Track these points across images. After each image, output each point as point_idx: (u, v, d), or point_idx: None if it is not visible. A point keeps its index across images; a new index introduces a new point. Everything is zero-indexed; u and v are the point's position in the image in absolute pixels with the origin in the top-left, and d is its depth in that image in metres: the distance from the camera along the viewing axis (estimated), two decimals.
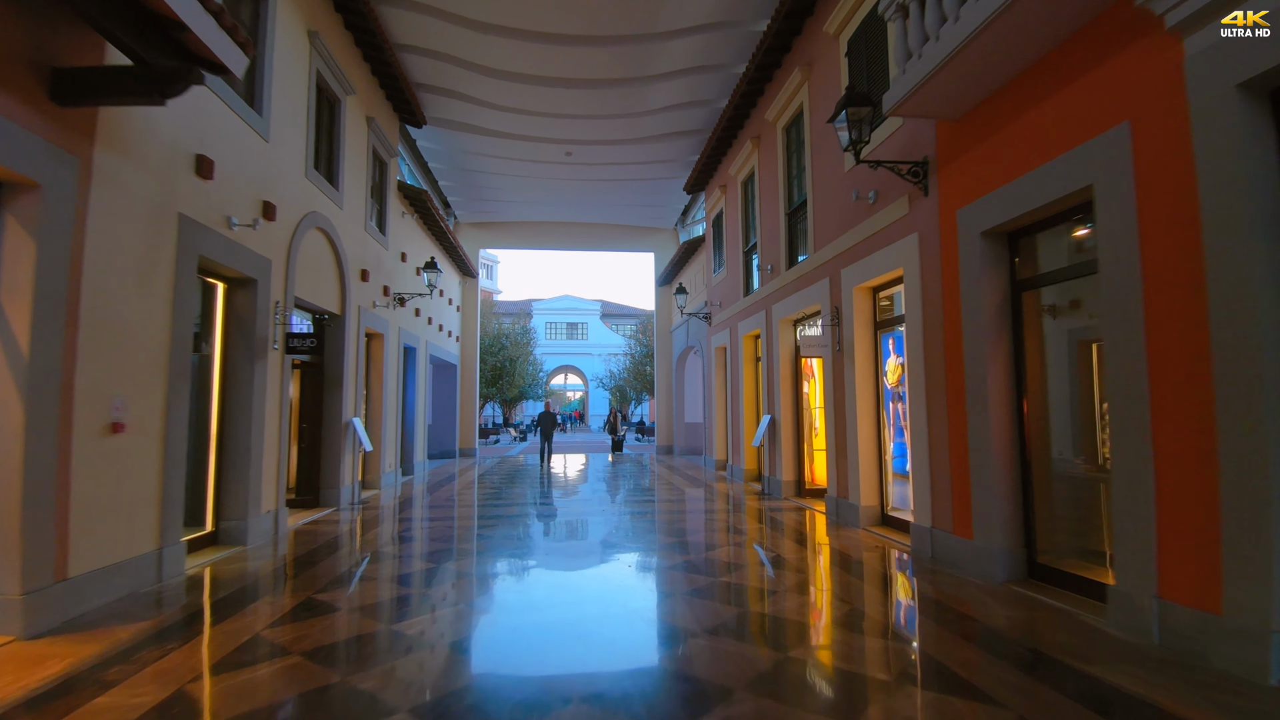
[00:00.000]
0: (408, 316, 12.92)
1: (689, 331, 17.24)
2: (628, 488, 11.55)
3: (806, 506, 8.95)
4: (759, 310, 10.99)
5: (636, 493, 10.90)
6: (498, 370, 28.00)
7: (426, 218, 13.65)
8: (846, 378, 7.68)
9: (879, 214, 6.88)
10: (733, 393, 12.75)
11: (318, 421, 9.18)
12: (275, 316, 7.29)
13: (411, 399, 13.59)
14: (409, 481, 12.48)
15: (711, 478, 12.88)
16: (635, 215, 18.98)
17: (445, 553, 6.44)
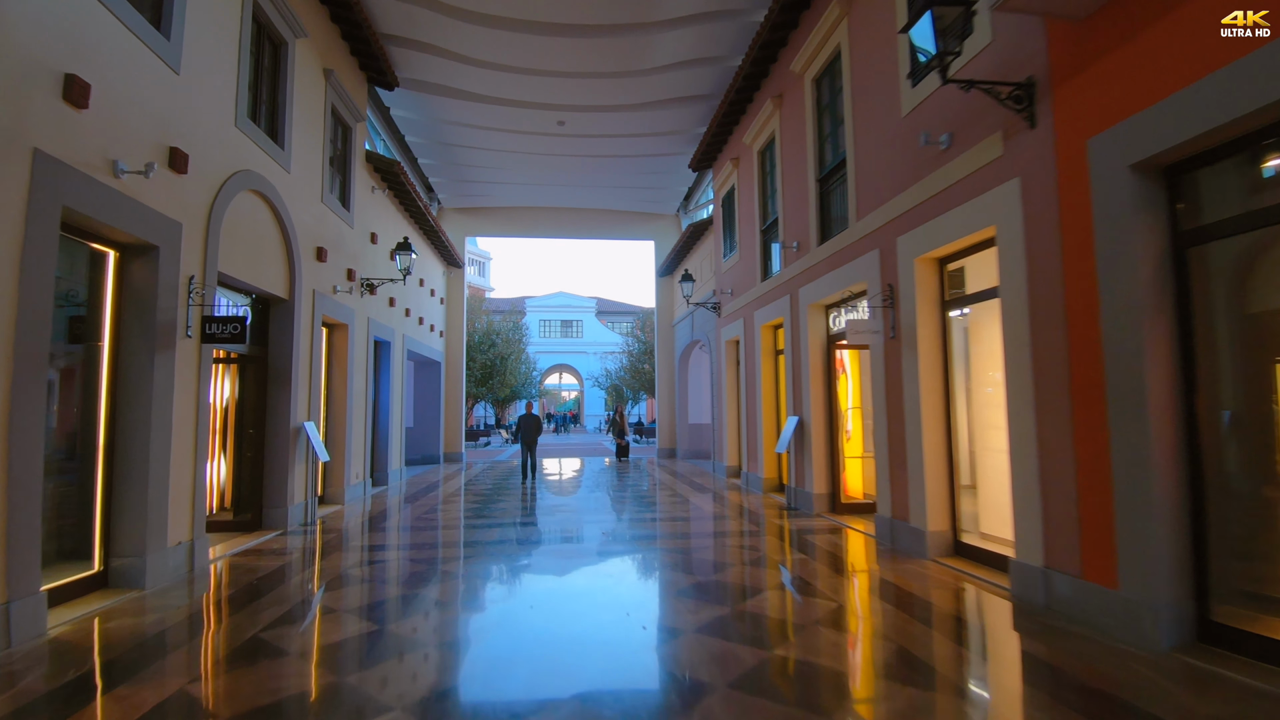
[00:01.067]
0: (379, 306, 11.38)
1: (694, 324, 15.76)
2: (629, 503, 10.05)
3: (844, 526, 7.48)
4: (781, 296, 9.52)
5: (640, 508, 9.40)
6: (488, 369, 26.44)
7: (401, 194, 12.11)
8: (905, 370, 6.21)
9: (954, 163, 5.41)
10: (748, 391, 11.28)
11: (260, 427, 7.65)
12: (190, 296, 5.77)
13: (385, 399, 12.06)
14: (381, 494, 10.95)
15: (723, 486, 11.40)
16: (634, 199, 17.48)
17: (405, 602, 4.93)
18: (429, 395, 16.87)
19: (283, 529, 7.56)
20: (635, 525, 7.97)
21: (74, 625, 4.29)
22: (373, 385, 11.66)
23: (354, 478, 10.07)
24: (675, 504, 9.55)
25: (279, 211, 7.51)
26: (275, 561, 6.08)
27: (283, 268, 7.72)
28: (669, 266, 17.78)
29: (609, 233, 18.67)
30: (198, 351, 5.90)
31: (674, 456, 18.11)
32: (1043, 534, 4.55)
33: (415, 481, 12.71)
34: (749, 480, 11.04)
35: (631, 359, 30.47)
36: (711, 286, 13.93)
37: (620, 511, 8.99)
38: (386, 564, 6.03)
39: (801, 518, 8.08)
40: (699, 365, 18.01)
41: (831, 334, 8.49)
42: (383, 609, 4.64)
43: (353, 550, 6.60)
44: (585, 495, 10.67)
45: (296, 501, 7.89)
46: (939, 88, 5.53)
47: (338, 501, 9.51)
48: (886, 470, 6.57)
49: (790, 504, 8.86)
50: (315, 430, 8.19)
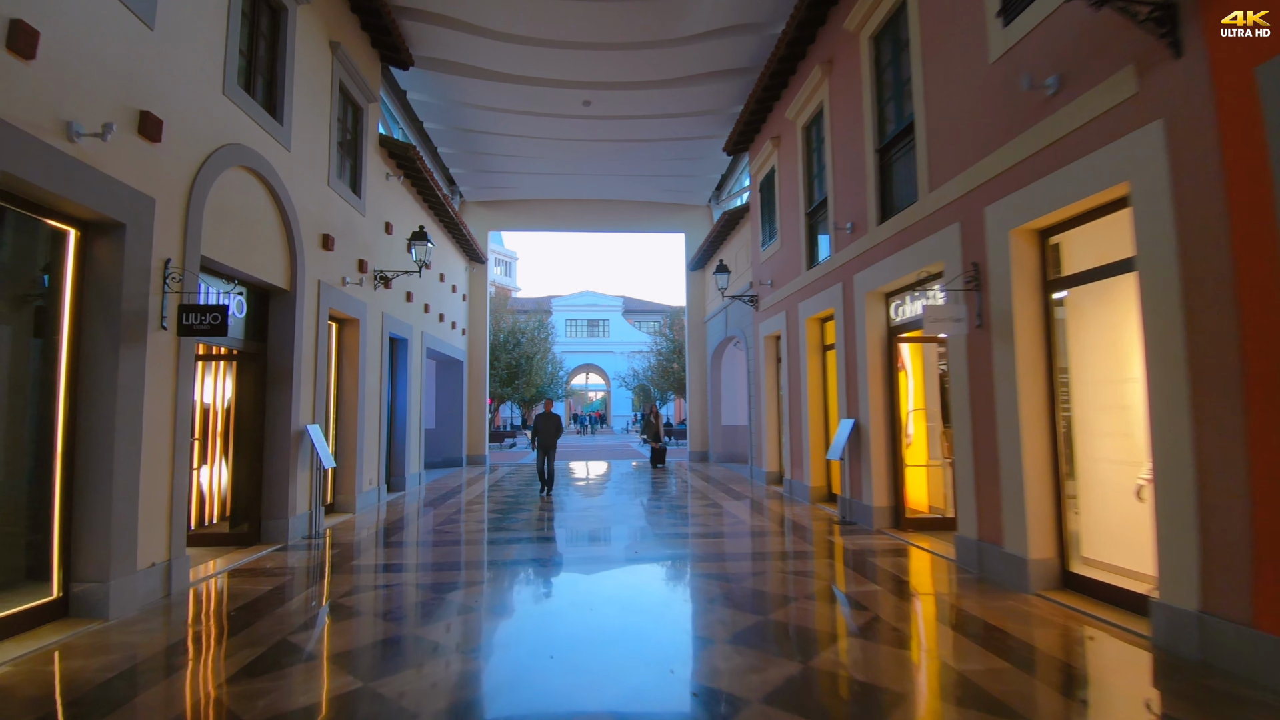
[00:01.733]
0: (395, 301, 10.69)
1: (728, 320, 14.82)
2: (664, 516, 9.17)
3: (912, 545, 6.49)
4: (831, 284, 8.54)
5: (675, 521, 8.52)
6: (513, 368, 25.79)
7: (418, 182, 11.41)
8: (997, 364, 5.22)
9: (1064, 110, 4.42)
10: (791, 391, 10.31)
11: (258, 431, 6.95)
12: (166, 283, 5.06)
13: (402, 400, 11.37)
14: (397, 501, 10.25)
15: (763, 495, 10.44)
16: (663, 189, 16.60)
17: (403, 646, 4.12)
18: (451, 395, 16.22)
19: (283, 543, 6.86)
20: (671, 543, 7.08)
21: (16, 666, 3.58)
22: (388, 385, 10.98)
23: (367, 484, 9.38)
24: (714, 517, 8.63)
25: (277, 193, 6.80)
26: (266, 584, 5.34)
27: (282, 255, 7.02)
28: (700, 260, 16.85)
29: (637, 225, 17.82)
30: (175, 345, 5.19)
31: (706, 460, 17.18)
32: (1199, 570, 3.55)
33: (434, 487, 12.01)
34: (793, 489, 10.07)
35: (660, 358, 29.57)
36: (747, 279, 12.97)
37: (654, 526, 8.11)
38: (390, 591, 5.24)
39: (859, 534, 7.11)
40: (733, 363, 17.04)
41: (893, 325, 7.50)
42: (377, 654, 3.83)
43: (353, 572, 5.84)
44: (613, 506, 9.82)
45: (299, 512, 7.19)
46: (1043, 20, 4.55)
47: (348, 510, 8.81)
48: (970, 483, 5.58)
49: (844, 517, 7.89)
50: (320, 434, 7.48)
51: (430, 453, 16.03)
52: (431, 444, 16.05)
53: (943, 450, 7.50)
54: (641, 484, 12.18)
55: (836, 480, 9.14)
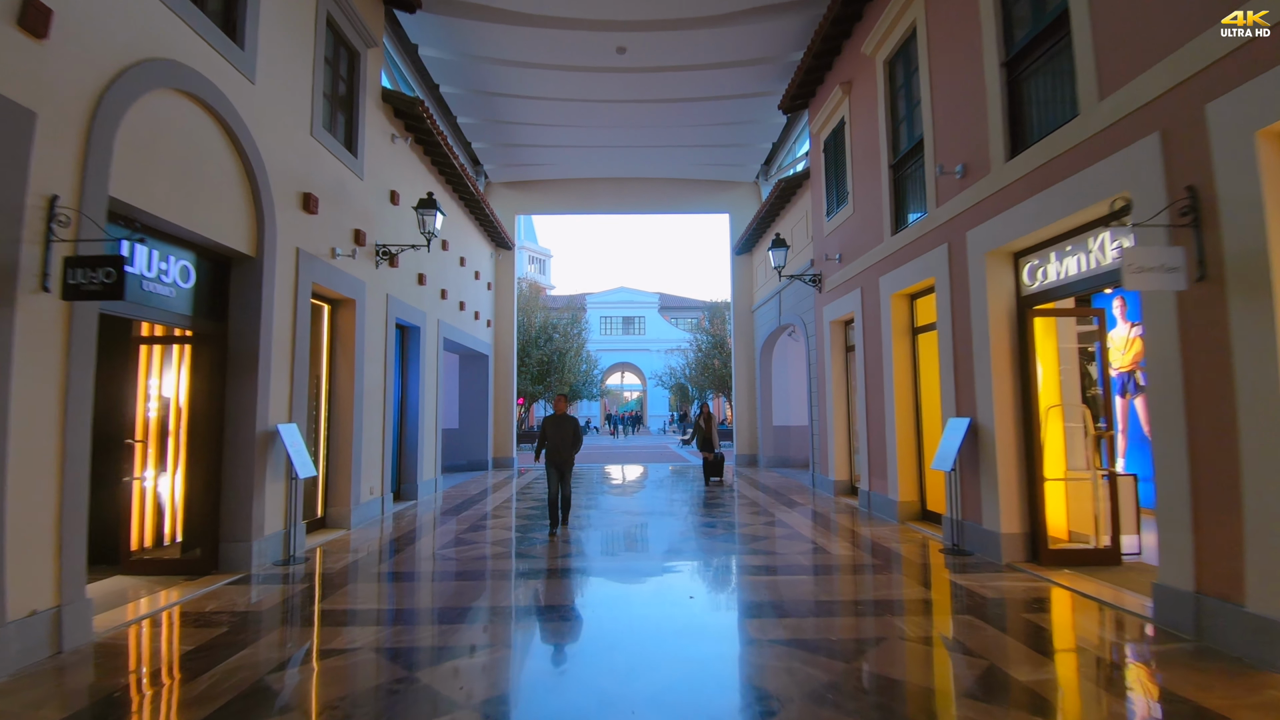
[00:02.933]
0: (404, 282, 9.33)
1: (781, 306, 13.10)
2: (717, 538, 7.57)
3: (1072, 590, 4.74)
4: (929, 247, 6.82)
5: (734, 544, 6.89)
6: (545, 365, 24.45)
7: (430, 147, 10.02)
8: (1236, 333, 3.47)
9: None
10: (869, 384, 8.57)
11: (215, 432, 5.60)
12: (52, 228, 3.69)
13: (415, 396, 10.01)
14: (406, 512, 8.87)
15: (830, 508, 8.73)
16: (707, 162, 14.95)
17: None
18: (475, 393, 14.88)
19: (245, 571, 5.48)
20: (735, 582, 5.47)
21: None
22: (396, 378, 9.63)
23: (367, 493, 8.01)
24: (782, 541, 6.98)
25: (236, 133, 5.43)
26: (198, 637, 3.93)
27: (245, 213, 5.65)
28: (748, 242, 15.15)
29: (678, 205, 16.21)
30: (65, 315, 3.81)
31: (755, 464, 15.47)
32: None
33: (452, 495, 10.62)
34: (873, 503, 8.33)
35: (700, 354, 27.88)
36: (807, 256, 11.25)
37: (708, 550, 6.51)
38: (351, 666, 3.76)
39: (984, 571, 5.37)
40: (785, 356, 15.29)
41: (1026, 294, 5.74)
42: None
43: (318, 622, 4.39)
44: (653, 522, 8.25)
45: (269, 532, 5.81)
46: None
47: (341, 525, 7.44)
48: (1182, 509, 3.82)
49: (955, 544, 6.14)
50: (297, 435, 6.09)
51: (452, 455, 14.73)
52: (453, 445, 14.75)
53: (1089, 458, 5.71)
54: (686, 497, 10.59)
55: (935, 495, 7.39)
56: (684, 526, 7.68)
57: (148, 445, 5.66)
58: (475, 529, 7.57)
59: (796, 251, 11.73)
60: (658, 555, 6.30)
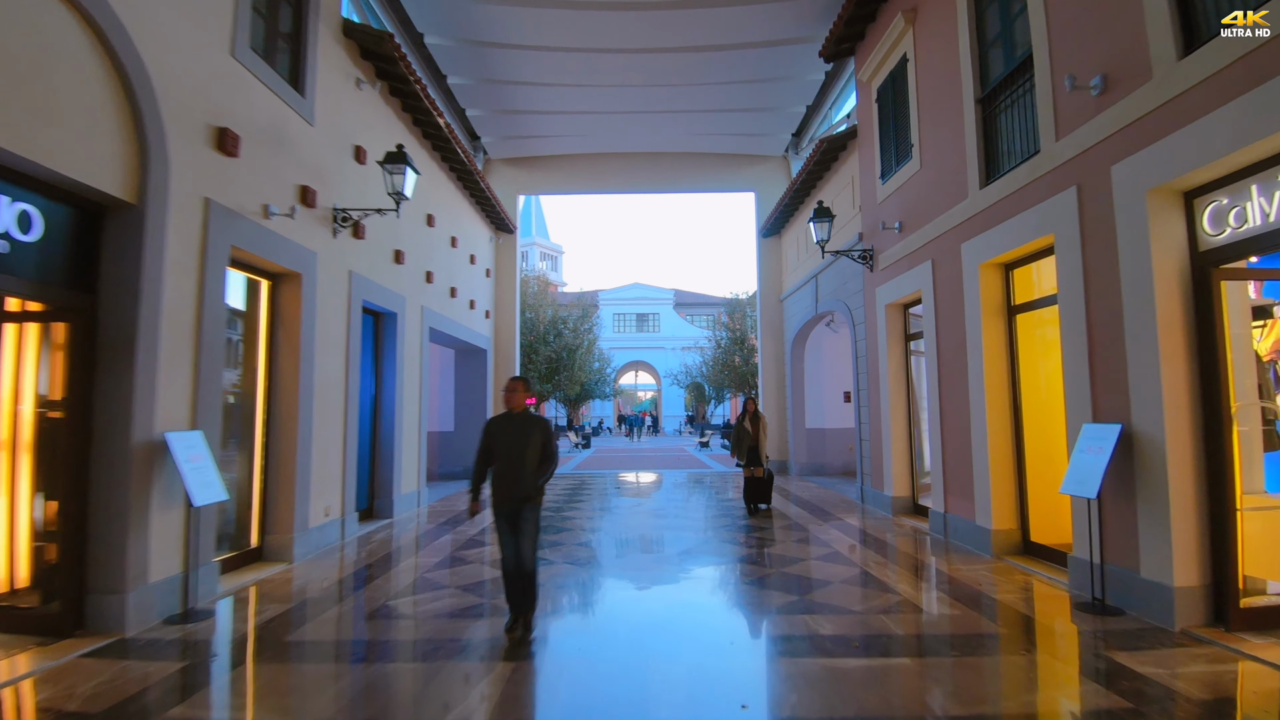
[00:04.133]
0: (375, 259, 7.80)
1: (817, 292, 11.42)
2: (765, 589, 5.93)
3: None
4: (1041, 197, 5.15)
5: (796, 600, 5.26)
6: (554, 362, 22.92)
7: (405, 94, 8.46)
8: None
9: None
10: (945, 378, 6.89)
11: (80, 442, 4.07)
12: None
13: (390, 395, 8.47)
14: (373, 535, 7.33)
15: (888, 530, 7.07)
16: (731, 130, 13.30)
17: None
18: (473, 392, 13.35)
19: (118, 633, 3.95)
20: (810, 683, 3.84)
21: None
22: (367, 373, 8.11)
23: (320, 515, 6.47)
24: (847, 589, 5.33)
25: (104, 31, 3.90)
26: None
27: (119, 143, 4.11)
28: (778, 221, 13.47)
29: (697, 183, 14.56)
30: None
31: (785, 472, 13.78)
32: None
33: (439, 511, 9.08)
34: (951, 529, 6.64)
35: (720, 350, 26.19)
36: (853, 231, 9.58)
37: (756, 610, 4.88)
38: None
39: (1161, 646, 3.69)
40: (820, 349, 13.59)
41: (1205, 248, 4.05)
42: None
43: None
44: (680, 567, 6.64)
45: (158, 578, 4.28)
46: None
47: (281, 558, 5.90)
48: None
49: (1097, 598, 4.45)
50: (199, 447, 4.54)
51: (447, 462, 13.22)
52: (449, 451, 13.24)
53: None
54: (710, 514, 8.95)
55: (1042, 523, 5.72)
56: (717, 569, 6.05)
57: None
58: (449, 564, 5.99)
59: (839, 226, 10.03)
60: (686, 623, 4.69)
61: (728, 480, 12.72)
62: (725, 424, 35.25)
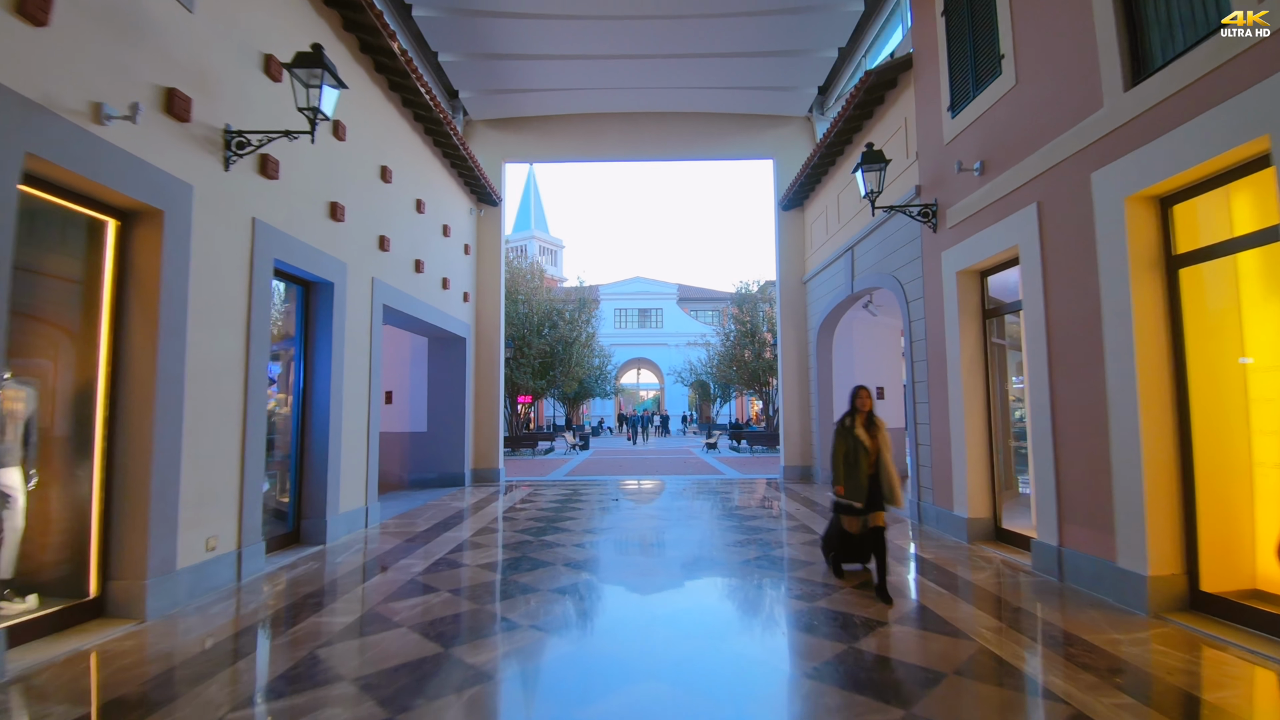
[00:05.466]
0: (297, 207, 6.00)
1: (853, 268, 9.61)
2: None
3: None
4: (1250, 83, 3.33)
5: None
6: (548, 356, 21.09)
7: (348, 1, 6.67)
8: None
9: None
10: (1059, 361, 5.07)
11: None
12: None
13: (324, 386, 6.67)
14: (293, 571, 5.56)
15: (976, 570, 5.27)
16: (749, 84, 11.48)
17: None
18: (449, 386, 11.56)
19: None
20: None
21: None
22: (297, 358, 6.32)
23: (199, 549, 4.68)
24: (989, 704, 3.52)
25: None
26: None
27: None
28: (800, 191, 11.66)
29: (708, 149, 12.74)
30: None
31: (809, 479, 11.98)
32: None
33: (393, 532, 7.29)
34: (1073, 569, 4.82)
35: (728, 344, 24.36)
36: (907, 184, 7.77)
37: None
38: None
39: None
40: (850, 338, 11.78)
41: None
42: None
43: None
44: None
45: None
46: None
47: (130, 615, 4.11)
48: None
49: None
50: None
51: (420, 466, 11.45)
52: (421, 454, 11.46)
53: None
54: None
55: (1216, 564, 3.91)
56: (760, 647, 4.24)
57: None
58: (384, 623, 4.20)
59: (886, 183, 8.19)
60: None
61: (753, 491, 10.91)
62: (733, 424, 33.42)
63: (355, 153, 7.19)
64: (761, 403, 26.35)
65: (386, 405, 11.99)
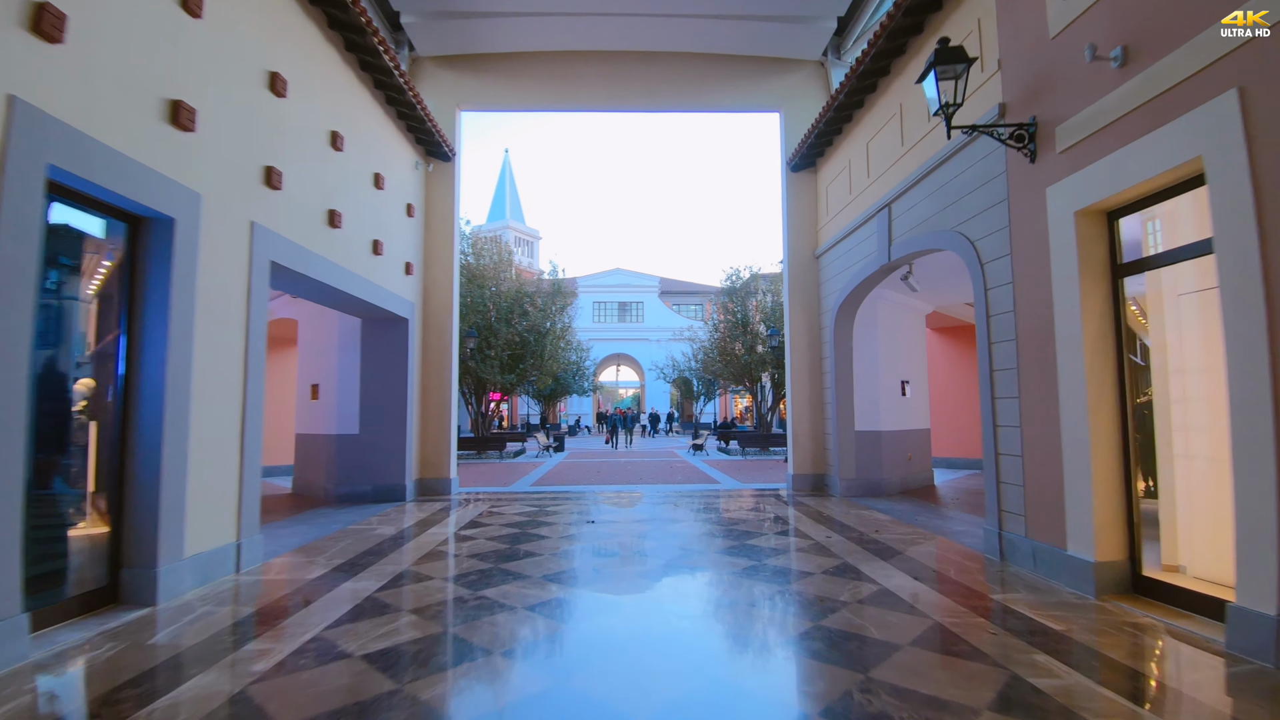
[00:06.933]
0: (99, 92, 3.85)
1: (890, 230, 7.71)
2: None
3: None
4: None
5: None
6: (518, 347, 18.94)
7: None
8: None
9: None
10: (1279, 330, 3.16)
11: None
12: None
13: (155, 372, 4.53)
14: (88, 652, 3.45)
15: (1137, 656, 3.39)
16: (755, 11, 9.53)
17: None
18: (387, 378, 9.42)
19: None
20: None
21: None
22: (121, 337, 4.19)
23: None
24: None
25: None
26: None
27: None
28: (814, 147, 9.74)
29: (700, 99, 10.75)
30: None
31: (823, 489, 10.09)
32: None
33: (274, 578, 5.20)
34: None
35: (717, 336, 22.44)
36: (985, 104, 5.85)
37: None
38: None
39: None
40: (874, 322, 9.89)
41: None
42: None
43: None
44: None
45: None
46: None
47: None
48: None
49: None
50: None
51: (350, 477, 9.30)
52: (352, 462, 9.31)
53: None
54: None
55: None
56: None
57: None
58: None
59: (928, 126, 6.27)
60: None
61: (762, 510, 8.94)
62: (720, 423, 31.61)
63: (222, 40, 5.06)
64: (750, 400, 24.48)
65: (313, 401, 9.83)
